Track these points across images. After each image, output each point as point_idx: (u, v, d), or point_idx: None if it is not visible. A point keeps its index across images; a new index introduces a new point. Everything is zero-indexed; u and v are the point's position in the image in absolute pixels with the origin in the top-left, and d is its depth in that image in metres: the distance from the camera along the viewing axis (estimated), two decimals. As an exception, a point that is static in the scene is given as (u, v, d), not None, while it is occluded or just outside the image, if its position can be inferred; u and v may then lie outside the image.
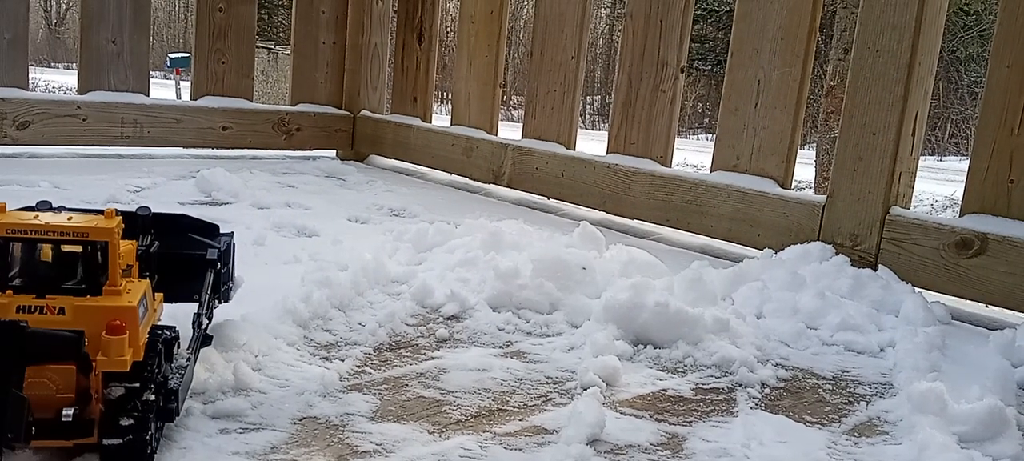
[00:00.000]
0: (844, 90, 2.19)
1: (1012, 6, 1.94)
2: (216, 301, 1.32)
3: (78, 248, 0.96)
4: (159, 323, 1.10)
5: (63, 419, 0.90)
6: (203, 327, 1.22)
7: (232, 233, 1.39)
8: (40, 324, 0.91)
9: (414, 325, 1.59)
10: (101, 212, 1.04)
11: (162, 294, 1.19)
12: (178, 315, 1.22)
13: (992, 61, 1.98)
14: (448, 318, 1.65)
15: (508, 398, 1.31)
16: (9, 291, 0.95)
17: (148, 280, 1.09)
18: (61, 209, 1.06)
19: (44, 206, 1.04)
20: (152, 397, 0.94)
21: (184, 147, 3.28)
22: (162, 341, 1.01)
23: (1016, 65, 1.94)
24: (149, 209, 1.21)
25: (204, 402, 1.16)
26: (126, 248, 1.09)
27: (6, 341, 0.84)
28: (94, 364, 0.92)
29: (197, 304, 1.23)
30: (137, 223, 1.18)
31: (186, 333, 1.16)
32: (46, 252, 0.96)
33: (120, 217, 1.01)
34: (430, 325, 1.60)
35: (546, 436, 1.18)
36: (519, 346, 1.54)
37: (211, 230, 1.32)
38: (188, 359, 1.10)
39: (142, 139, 3.13)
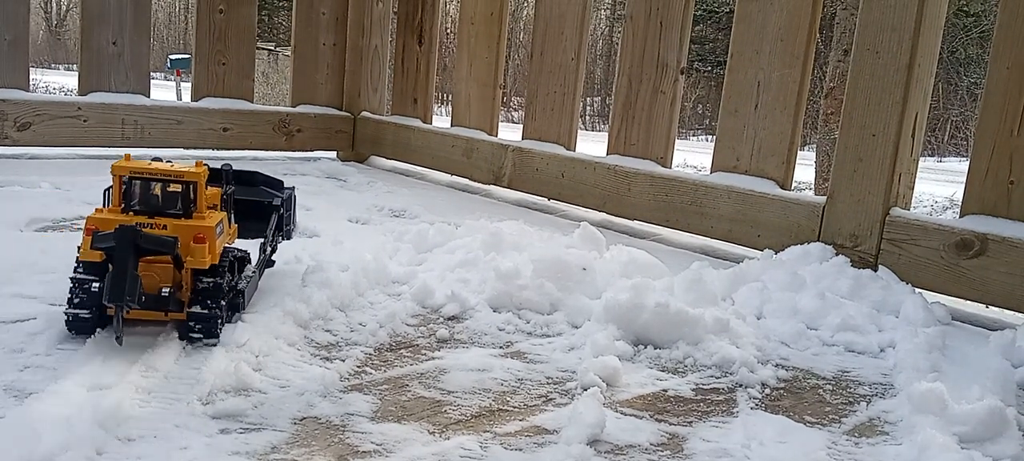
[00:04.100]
0: (844, 91, 2.19)
1: (1012, 7, 1.94)
2: (280, 238, 1.76)
3: (177, 187, 1.38)
4: (232, 246, 1.50)
5: (162, 294, 1.30)
6: (267, 253, 1.69)
7: (293, 187, 1.80)
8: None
9: (414, 325, 1.59)
10: (211, 166, 1.49)
11: (236, 226, 1.59)
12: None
13: (992, 62, 1.98)
14: (448, 318, 1.65)
15: (508, 398, 1.31)
16: (131, 213, 1.37)
17: (225, 213, 1.49)
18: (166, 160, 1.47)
19: (157, 160, 1.45)
20: (223, 288, 1.36)
21: (185, 148, 3.28)
22: (232, 256, 1.45)
23: (1016, 66, 1.94)
24: (231, 165, 1.58)
25: (204, 402, 1.16)
26: (213, 192, 1.48)
27: (127, 239, 1.23)
28: (185, 263, 1.33)
29: (264, 238, 1.67)
30: (221, 176, 1.55)
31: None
32: (156, 189, 1.38)
33: (207, 168, 1.42)
34: (430, 325, 1.60)
35: (546, 436, 1.19)
36: (519, 346, 1.54)
37: (278, 184, 1.76)
38: (254, 272, 1.57)
39: (143, 140, 3.13)
